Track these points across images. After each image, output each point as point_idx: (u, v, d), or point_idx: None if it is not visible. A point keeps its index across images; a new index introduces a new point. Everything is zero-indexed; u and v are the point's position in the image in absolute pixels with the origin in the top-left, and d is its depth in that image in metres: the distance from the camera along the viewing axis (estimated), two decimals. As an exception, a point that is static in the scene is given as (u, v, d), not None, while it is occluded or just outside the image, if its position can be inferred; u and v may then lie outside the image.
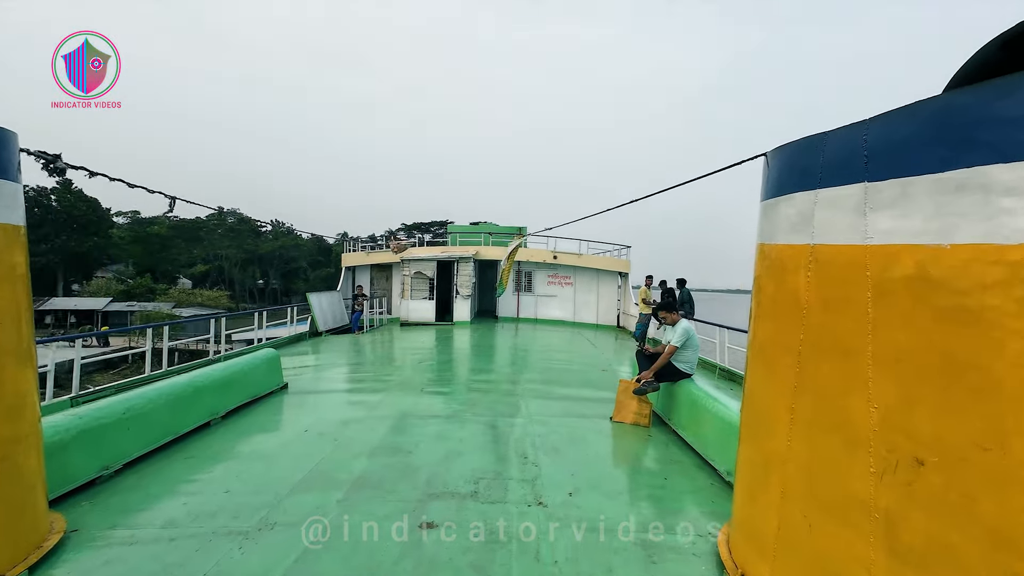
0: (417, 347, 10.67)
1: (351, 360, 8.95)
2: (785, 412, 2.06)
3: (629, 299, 15.49)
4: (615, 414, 5.16)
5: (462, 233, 17.06)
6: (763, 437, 2.25)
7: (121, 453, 3.60)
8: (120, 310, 39.09)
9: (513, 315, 16.61)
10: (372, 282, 16.85)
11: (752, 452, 2.37)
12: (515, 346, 11.16)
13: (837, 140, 1.86)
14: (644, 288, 11.50)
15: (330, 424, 4.80)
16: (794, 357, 2.02)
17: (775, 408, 2.13)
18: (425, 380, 6.91)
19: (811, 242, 1.97)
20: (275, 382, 6.16)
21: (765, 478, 2.20)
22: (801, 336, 1.99)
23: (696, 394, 4.59)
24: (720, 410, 4.09)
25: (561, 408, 5.63)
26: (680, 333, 4.90)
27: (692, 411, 4.56)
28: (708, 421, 4.20)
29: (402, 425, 4.78)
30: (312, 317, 12.82)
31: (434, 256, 14.67)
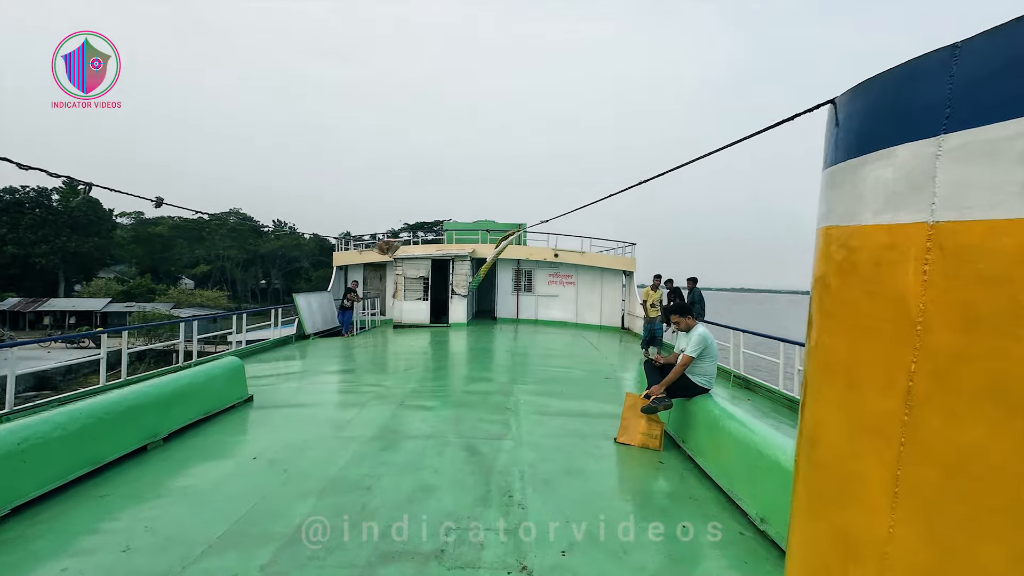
0: (407, 351, 9.99)
1: (332, 367, 8.27)
2: (882, 479, 1.34)
3: (634, 299, 14.74)
4: (620, 434, 4.44)
5: (459, 230, 16.32)
6: (839, 508, 1.53)
7: (9, 495, 2.92)
8: (119, 311, 38.69)
9: (513, 316, 15.91)
10: (365, 282, 16.16)
11: (818, 529, 1.65)
12: (512, 350, 10.45)
13: (987, 47, 1.14)
14: (647, 289, 10.17)
15: (287, 448, 4.12)
16: (899, 398, 1.30)
17: (863, 471, 1.41)
18: (408, 391, 6.21)
19: (930, 219, 1.25)
20: (237, 395, 5.49)
21: (842, 572, 1.49)
22: (912, 366, 1.27)
23: (716, 414, 3.87)
24: (746, 435, 3.36)
25: (558, 427, 4.91)
26: (696, 341, 4.18)
27: (711, 434, 3.84)
28: (731, 447, 3.48)
29: (370, 450, 4.09)
30: (299, 319, 12.16)
31: (428, 254, 13.97)
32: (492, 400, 5.84)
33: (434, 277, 13.94)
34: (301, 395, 6.17)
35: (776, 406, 6.38)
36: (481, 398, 5.95)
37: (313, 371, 7.90)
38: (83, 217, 53.23)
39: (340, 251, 16.48)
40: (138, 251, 64.50)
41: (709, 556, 2.67)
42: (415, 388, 6.42)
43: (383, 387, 6.52)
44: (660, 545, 2.75)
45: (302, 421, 4.97)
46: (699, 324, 4.39)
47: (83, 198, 49.19)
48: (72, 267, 54.10)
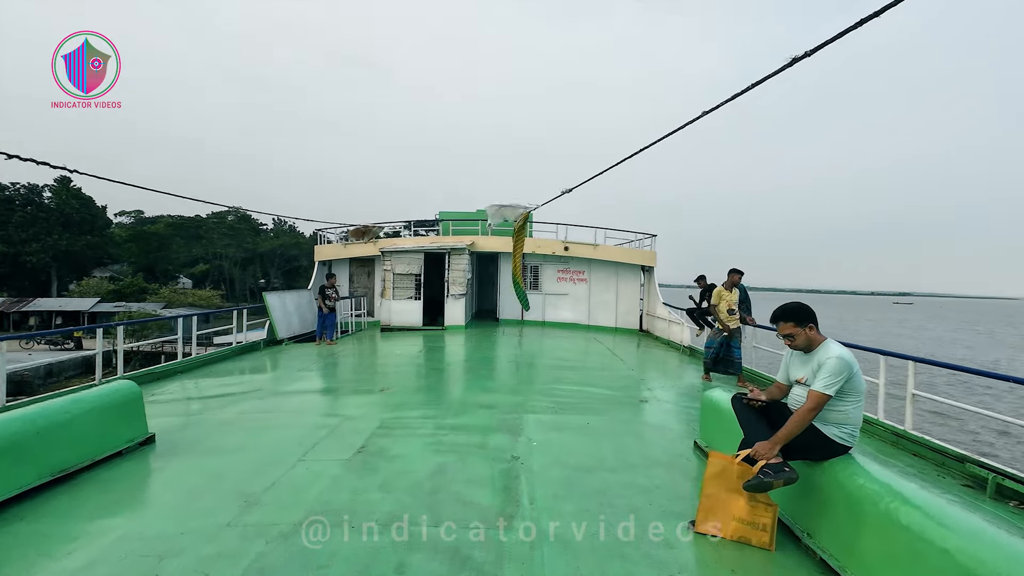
0: (390, 363, 8.28)
1: (291, 385, 6.57)
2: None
3: (655, 298, 12.99)
4: (702, 520, 2.71)
5: (456, 220, 14.52)
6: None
7: None
8: (108, 311, 37.24)
9: (517, 317, 14.19)
10: (352, 279, 14.45)
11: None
12: (517, 359, 8.72)
13: None
14: (720, 289, 6.96)
15: (155, 541, 2.46)
16: None
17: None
18: (376, 426, 4.51)
19: None
20: (126, 436, 3.82)
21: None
22: None
23: (873, 493, 2.18)
24: (941, 536, 1.71)
25: (591, 495, 3.16)
26: (833, 369, 2.46)
27: (867, 527, 2.14)
28: (908, 554, 1.81)
29: (278, 559, 2.39)
30: (270, 322, 10.50)
31: (421, 247, 12.22)
32: (492, 443, 4.12)
33: (428, 273, 12.22)
34: (229, 432, 4.46)
35: (877, 443, 4.63)
36: (477, 439, 4.23)
37: (267, 391, 6.21)
38: (75, 215, 51.86)
39: (323, 244, 14.73)
40: (135, 249, 63.25)
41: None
42: (387, 421, 4.71)
43: (343, 417, 4.81)
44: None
45: (199, 487, 3.25)
46: (830, 340, 2.66)
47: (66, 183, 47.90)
48: (65, 266, 52.76)
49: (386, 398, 5.65)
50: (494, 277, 14.44)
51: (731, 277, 6.95)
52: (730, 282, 6.95)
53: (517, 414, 4.98)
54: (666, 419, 5.20)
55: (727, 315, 6.81)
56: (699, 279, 9.46)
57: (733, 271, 6.97)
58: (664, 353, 10.22)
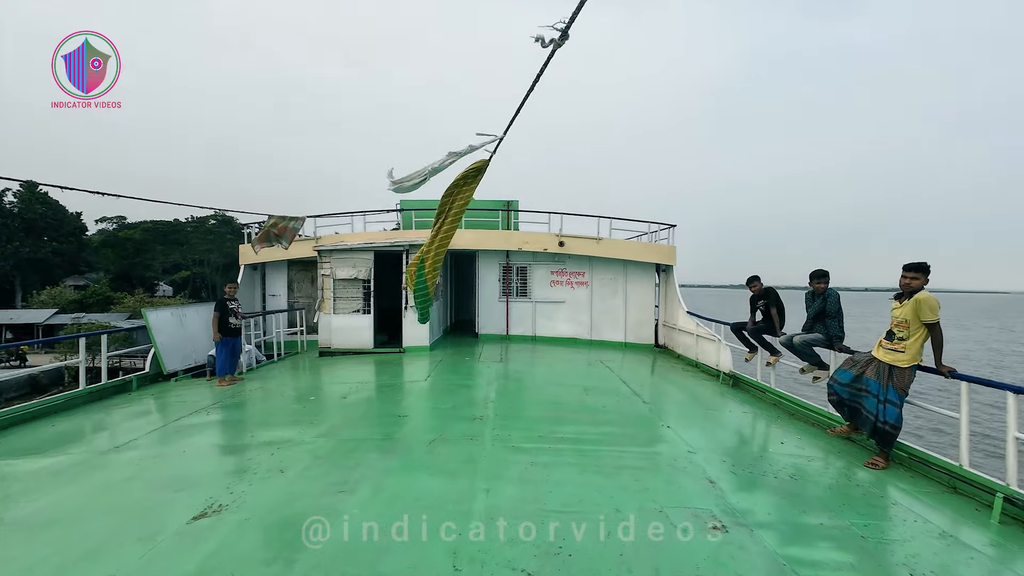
0: (304, 417, 5.37)
1: (126, 470, 3.69)
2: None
3: (675, 304, 10.16)
4: None
5: (419, 210, 11.64)
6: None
7: None
8: (64, 323, 34.13)
9: (501, 331, 11.33)
10: (291, 287, 11.53)
11: None
12: (494, 402, 5.82)
13: None
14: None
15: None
16: None
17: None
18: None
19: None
20: None
21: None
22: None
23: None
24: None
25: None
26: None
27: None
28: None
29: None
30: (154, 351, 7.60)
31: (370, 244, 9.29)
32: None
33: (379, 278, 9.32)
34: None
35: None
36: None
37: (89, 465, 3.34)
38: (39, 220, 48.67)
39: (249, 244, 11.77)
40: (111, 256, 60.14)
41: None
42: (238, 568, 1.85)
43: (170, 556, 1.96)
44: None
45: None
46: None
47: None
48: (30, 274, 49.48)
49: (268, 508, 2.77)
50: (472, 282, 11.58)
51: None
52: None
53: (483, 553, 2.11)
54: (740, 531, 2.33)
55: None
56: (751, 281, 6.67)
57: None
58: (694, 381, 7.44)
